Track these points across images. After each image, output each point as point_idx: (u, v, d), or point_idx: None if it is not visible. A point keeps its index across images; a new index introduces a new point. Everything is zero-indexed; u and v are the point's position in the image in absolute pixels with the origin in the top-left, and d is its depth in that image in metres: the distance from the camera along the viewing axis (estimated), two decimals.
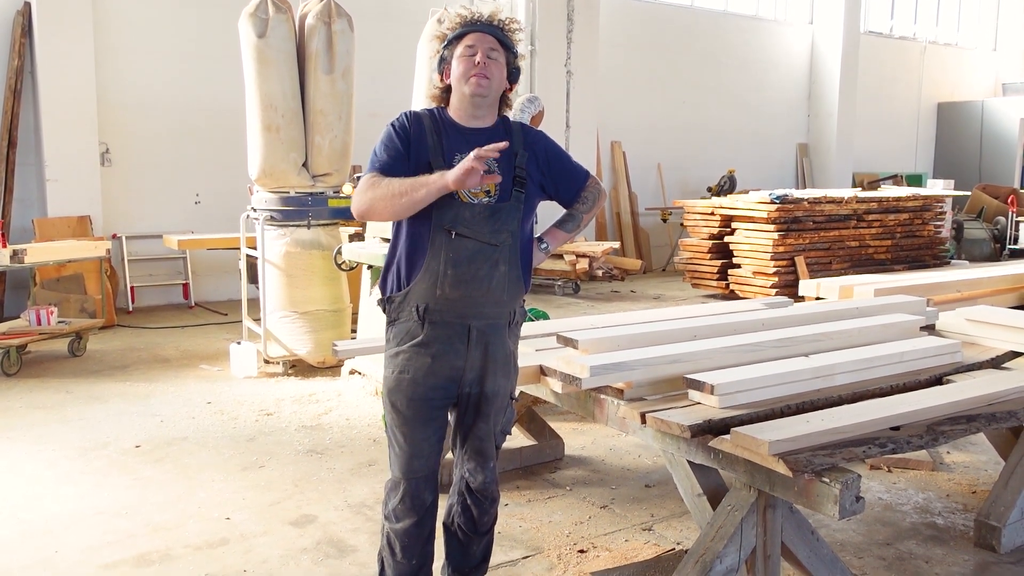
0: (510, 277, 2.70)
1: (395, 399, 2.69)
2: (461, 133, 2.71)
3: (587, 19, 11.99)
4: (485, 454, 2.79)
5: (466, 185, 2.50)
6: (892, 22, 16.63)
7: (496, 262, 2.66)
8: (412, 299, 2.66)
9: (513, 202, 2.69)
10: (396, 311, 2.71)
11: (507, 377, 2.77)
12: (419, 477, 2.71)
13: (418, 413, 2.67)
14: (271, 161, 6.24)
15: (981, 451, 4.63)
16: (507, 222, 2.68)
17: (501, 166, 2.68)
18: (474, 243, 2.63)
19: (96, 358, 6.84)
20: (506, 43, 2.74)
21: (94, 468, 4.42)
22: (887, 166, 16.29)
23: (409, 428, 2.69)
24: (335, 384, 6.07)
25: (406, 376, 2.66)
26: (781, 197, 9.38)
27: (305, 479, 4.27)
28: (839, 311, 4.34)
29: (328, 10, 6.25)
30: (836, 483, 2.46)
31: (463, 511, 2.85)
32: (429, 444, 2.71)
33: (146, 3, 9.11)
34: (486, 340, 2.69)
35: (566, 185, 2.90)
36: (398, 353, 2.69)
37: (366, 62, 7.30)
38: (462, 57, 2.68)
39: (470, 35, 2.70)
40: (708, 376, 3.08)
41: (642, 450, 4.67)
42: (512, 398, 2.84)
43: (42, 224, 8.39)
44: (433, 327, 2.65)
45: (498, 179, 2.57)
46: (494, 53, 2.69)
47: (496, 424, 2.78)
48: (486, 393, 2.72)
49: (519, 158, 2.75)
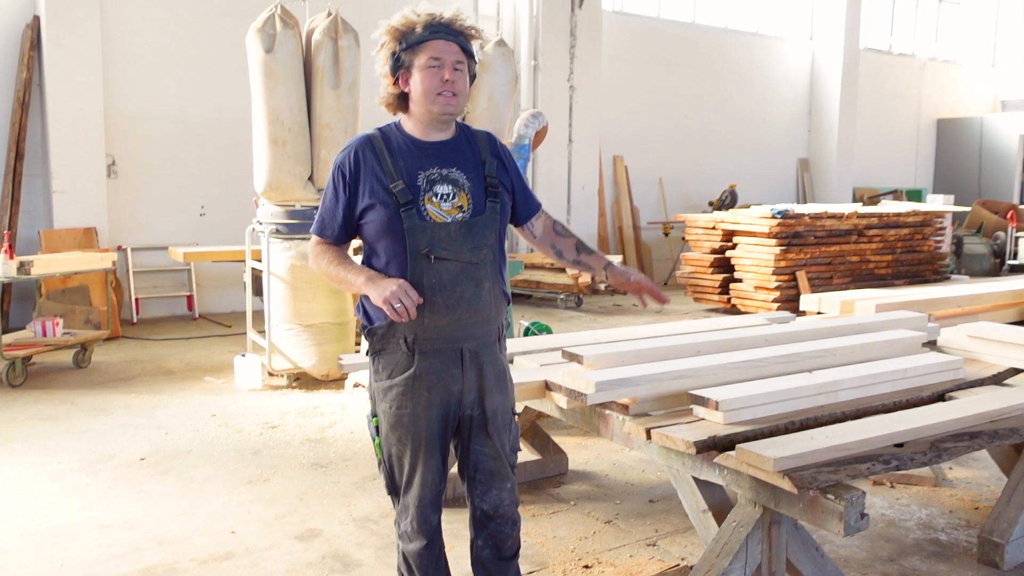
0: (494, 292, 2.61)
1: (398, 435, 2.59)
2: (420, 148, 2.57)
3: (590, 35, 12.07)
4: (500, 475, 2.67)
5: (382, 304, 2.41)
6: (891, 39, 16.72)
7: (479, 280, 2.57)
8: (398, 330, 2.54)
9: (488, 214, 2.58)
10: (381, 342, 2.59)
11: (504, 393, 2.70)
12: (424, 503, 2.63)
13: (423, 446, 2.58)
14: (277, 174, 6.28)
15: (983, 467, 4.65)
16: (485, 236, 2.57)
17: (469, 176, 2.58)
18: (455, 264, 2.52)
19: (101, 370, 6.87)
20: (468, 50, 2.58)
21: (99, 480, 4.44)
22: (887, 181, 16.35)
23: (411, 459, 2.60)
24: (339, 397, 6.09)
25: (405, 411, 2.56)
26: (782, 212, 9.43)
27: (310, 493, 4.29)
28: (841, 327, 4.37)
29: (335, 26, 6.30)
30: (841, 500, 2.49)
31: (485, 542, 2.72)
32: (433, 472, 2.61)
33: (153, 17, 9.18)
34: (479, 360, 2.60)
35: (524, 205, 2.79)
36: (392, 387, 2.58)
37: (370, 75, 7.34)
38: (427, 70, 2.51)
39: (434, 43, 2.51)
40: (713, 392, 3.10)
41: (646, 465, 4.69)
42: (514, 414, 2.76)
43: (48, 235, 8.43)
44: (424, 357, 2.55)
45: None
46: (460, 64, 2.54)
47: (504, 443, 2.68)
48: (487, 413, 2.63)
49: (488, 166, 2.62)
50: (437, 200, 2.53)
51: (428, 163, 2.56)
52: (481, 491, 2.68)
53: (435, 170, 2.56)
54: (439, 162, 2.56)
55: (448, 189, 2.55)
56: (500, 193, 2.63)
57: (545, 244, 2.91)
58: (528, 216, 2.84)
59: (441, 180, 2.55)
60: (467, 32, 2.58)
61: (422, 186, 2.53)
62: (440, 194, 2.54)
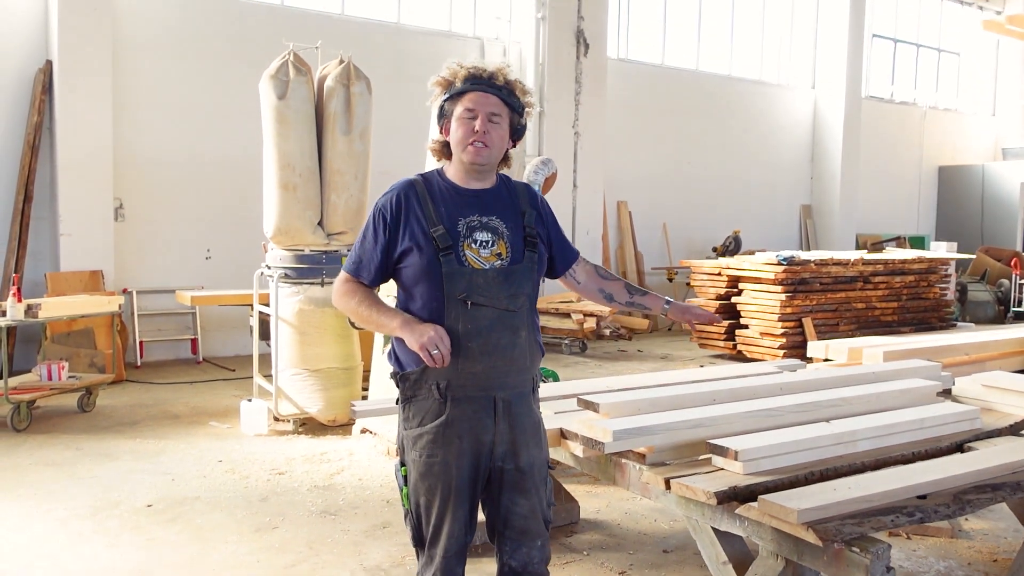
0: (530, 341, 2.62)
1: (428, 483, 2.57)
2: (461, 196, 2.61)
3: (594, 81, 12.21)
4: (532, 532, 2.63)
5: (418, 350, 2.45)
6: (893, 87, 16.90)
7: (516, 328, 2.57)
8: (431, 375, 2.54)
9: (526, 263, 2.61)
10: (412, 388, 2.59)
11: (539, 446, 2.66)
12: (450, 555, 2.58)
13: (450, 495, 2.55)
14: (287, 219, 6.30)
15: (1000, 518, 4.59)
16: (523, 285, 2.59)
17: (508, 225, 2.61)
18: (492, 311, 2.53)
19: (106, 414, 6.83)
20: (510, 103, 2.62)
21: (106, 528, 4.38)
22: (890, 228, 16.41)
23: (439, 509, 2.57)
24: (346, 443, 6.04)
25: (436, 460, 2.54)
26: (788, 259, 9.45)
27: (319, 541, 4.23)
28: (855, 376, 4.35)
29: (347, 73, 6.37)
30: (867, 553, 2.46)
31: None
32: (459, 523, 2.57)
33: (164, 62, 9.29)
34: (512, 411, 2.58)
35: (562, 255, 2.83)
36: (422, 435, 2.57)
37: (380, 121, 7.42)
38: (461, 119, 2.57)
39: (472, 94, 2.57)
40: (732, 442, 3.08)
41: (658, 514, 4.64)
42: (549, 467, 2.73)
43: (54, 278, 8.43)
44: (456, 404, 2.54)
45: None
46: (496, 117, 2.58)
47: (541, 499, 2.64)
48: (522, 467, 2.60)
49: (527, 217, 2.66)
50: (476, 247, 2.55)
51: (469, 210, 2.58)
52: (511, 548, 2.64)
53: (475, 217, 2.58)
54: (479, 210, 2.59)
55: (487, 236, 2.57)
56: (538, 244, 2.66)
57: (591, 290, 2.92)
58: (568, 265, 2.87)
59: (481, 227, 2.58)
60: (509, 86, 2.63)
61: (462, 232, 2.55)
62: (480, 241, 2.56)
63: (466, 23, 11.69)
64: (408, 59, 10.76)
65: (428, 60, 10.62)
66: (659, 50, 13.64)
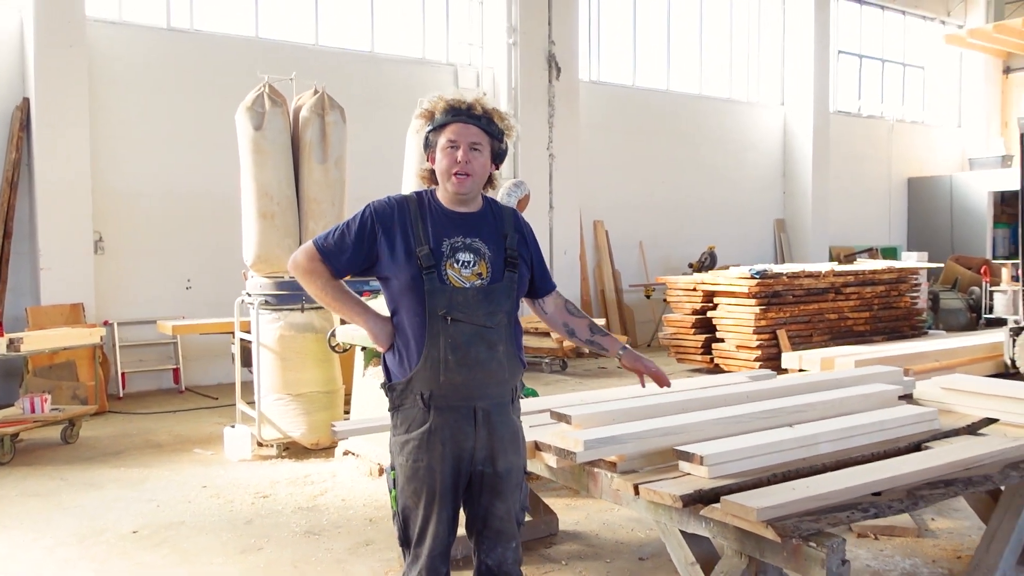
0: (508, 355, 2.77)
1: (414, 487, 2.73)
2: (448, 217, 2.77)
3: (567, 104, 12.42)
4: (507, 534, 2.81)
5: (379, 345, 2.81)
6: (860, 102, 17.24)
7: (494, 344, 2.73)
8: (415, 386, 2.72)
9: (506, 283, 2.77)
10: (399, 398, 2.76)
11: (517, 453, 2.83)
12: (435, 555, 2.74)
13: (434, 498, 2.72)
14: (266, 247, 6.42)
15: (965, 517, 4.74)
16: (501, 303, 2.75)
17: (491, 247, 2.77)
18: (470, 327, 2.69)
19: (89, 445, 6.88)
20: (490, 132, 2.77)
21: (93, 555, 4.45)
22: (862, 240, 16.70)
23: (424, 511, 2.73)
24: (329, 465, 6.13)
25: (421, 464, 2.71)
26: (761, 272, 9.64)
27: (304, 560, 4.32)
28: (820, 382, 4.50)
29: (322, 103, 6.52)
30: (822, 547, 2.59)
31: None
32: (443, 524, 2.74)
33: (140, 96, 9.41)
34: (491, 420, 2.75)
35: (541, 282, 2.98)
36: (408, 441, 2.74)
37: (356, 148, 7.57)
38: (445, 150, 2.73)
39: (453, 126, 2.73)
40: (697, 448, 3.22)
41: (635, 524, 4.76)
42: (526, 474, 2.90)
43: (35, 312, 8.48)
44: (439, 413, 2.71)
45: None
46: (477, 146, 2.73)
47: (515, 503, 2.82)
48: (499, 472, 2.77)
49: (509, 239, 2.82)
50: (458, 266, 2.72)
51: (454, 232, 2.75)
52: (487, 547, 2.82)
53: (459, 239, 2.75)
54: (464, 232, 2.76)
55: (469, 257, 2.74)
56: (519, 265, 2.83)
57: (556, 322, 3.08)
58: (543, 293, 3.02)
59: (464, 248, 2.75)
60: (488, 114, 2.78)
61: (445, 252, 2.72)
62: (462, 261, 2.73)
63: (439, 50, 11.89)
64: (383, 87, 10.94)
65: (403, 87, 10.86)
66: (630, 72, 13.89)
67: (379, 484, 5.59)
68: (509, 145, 2.88)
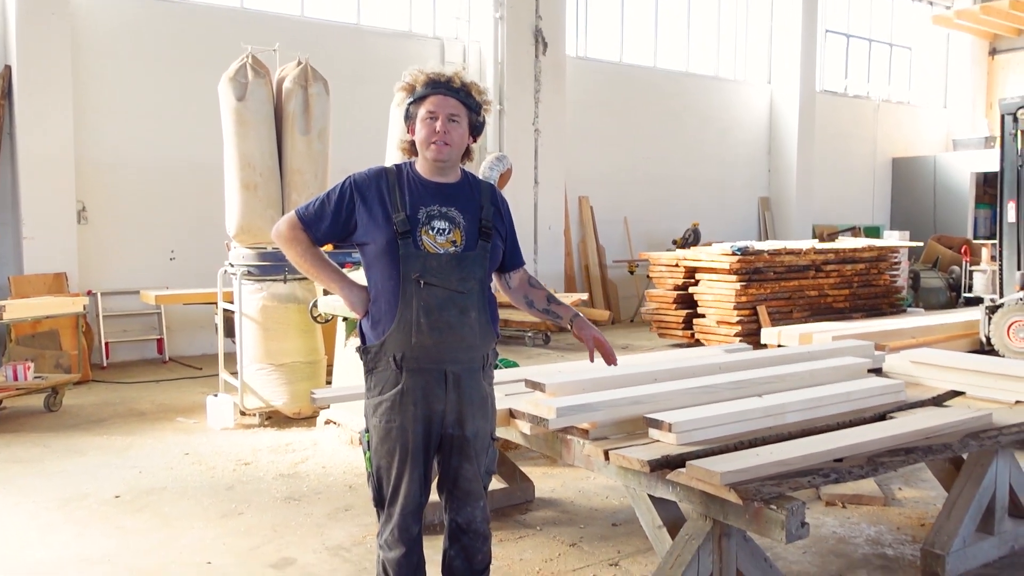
0: (480, 322, 2.86)
1: (387, 447, 2.82)
2: (426, 187, 2.85)
3: (554, 79, 12.42)
4: (474, 494, 2.92)
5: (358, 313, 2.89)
6: (846, 81, 17.29)
7: (466, 309, 2.82)
8: (388, 349, 2.80)
9: (479, 251, 2.86)
10: (373, 360, 2.85)
11: (485, 418, 2.92)
12: (407, 512, 2.83)
13: (407, 457, 2.80)
14: (249, 218, 6.44)
15: (931, 487, 4.86)
16: (473, 270, 2.84)
17: (466, 217, 2.86)
18: (443, 291, 2.78)
19: (72, 413, 6.92)
20: (468, 104, 2.86)
21: (75, 519, 4.51)
22: (846, 219, 16.81)
23: (397, 470, 2.82)
24: (311, 434, 6.20)
25: (394, 425, 2.80)
26: (742, 249, 9.72)
27: (283, 524, 4.40)
28: (792, 355, 4.59)
29: (305, 74, 6.53)
30: (783, 510, 2.68)
31: (457, 553, 2.95)
32: (415, 483, 2.82)
33: (124, 65, 9.36)
34: (462, 384, 2.83)
35: (511, 257, 3.07)
36: (381, 402, 2.83)
37: (340, 121, 7.59)
38: (424, 121, 2.82)
39: (433, 98, 2.83)
40: (667, 415, 3.30)
41: (609, 491, 4.85)
42: (493, 439, 2.98)
43: (18, 281, 8.49)
44: (411, 375, 2.79)
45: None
46: (456, 117, 2.83)
47: (480, 464, 2.91)
48: (467, 435, 2.85)
49: (485, 211, 2.90)
50: (433, 233, 2.81)
51: (431, 200, 2.84)
52: (457, 505, 2.93)
53: (436, 207, 2.84)
54: (441, 201, 2.85)
55: (445, 225, 2.83)
56: (493, 236, 2.91)
57: (518, 295, 3.17)
58: (511, 267, 3.11)
59: (440, 216, 2.84)
60: (466, 87, 2.88)
61: (422, 219, 2.81)
62: (437, 228, 2.82)
63: (425, 23, 11.84)
64: (368, 60, 10.91)
65: (388, 61, 10.83)
66: (617, 48, 13.88)
67: (359, 452, 5.66)
68: (487, 119, 2.98)
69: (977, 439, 3.44)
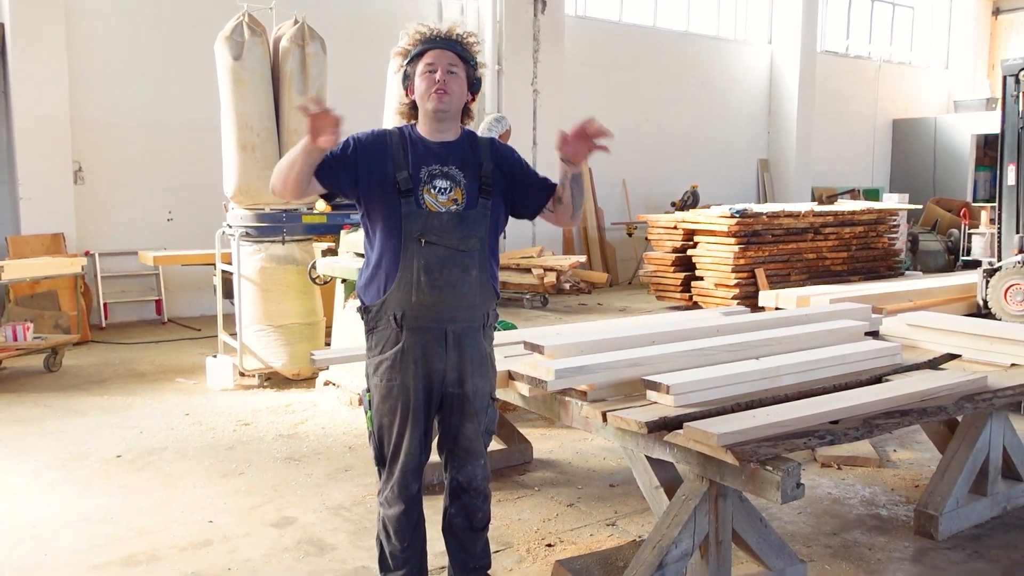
0: (481, 281, 2.87)
1: (388, 405, 2.84)
2: (427, 147, 2.85)
3: (552, 39, 12.29)
4: (475, 452, 2.94)
5: (319, 139, 2.59)
6: (848, 41, 17.14)
7: (467, 267, 2.82)
8: (389, 307, 2.82)
9: (480, 209, 2.85)
10: (374, 319, 2.87)
11: (485, 377, 2.93)
12: (407, 470, 2.87)
13: (408, 415, 2.83)
14: (246, 179, 6.41)
15: (925, 449, 4.90)
16: (475, 228, 2.83)
17: (467, 175, 2.85)
18: (444, 250, 2.79)
19: (72, 373, 6.95)
20: (465, 57, 2.87)
21: (77, 477, 4.55)
22: (845, 181, 16.74)
23: (399, 428, 2.85)
24: (310, 395, 6.24)
25: (395, 383, 2.82)
26: (741, 211, 9.70)
27: (284, 484, 4.44)
28: (789, 318, 4.61)
29: (302, 33, 6.46)
30: (778, 471, 2.70)
31: (458, 511, 2.99)
32: (415, 441, 2.85)
33: (118, 23, 9.26)
34: (462, 343, 2.85)
35: (533, 197, 2.98)
36: (382, 361, 2.85)
37: (338, 81, 7.50)
38: (423, 75, 2.83)
39: (430, 52, 2.83)
40: (664, 378, 3.32)
41: (607, 453, 4.90)
42: (493, 399, 3.00)
43: (15, 242, 8.47)
44: (411, 333, 2.81)
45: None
46: (454, 68, 2.83)
47: (480, 423, 2.93)
48: (467, 393, 2.87)
49: (485, 168, 2.89)
50: (435, 192, 2.82)
51: (432, 160, 2.84)
52: (457, 464, 2.96)
53: (437, 167, 2.84)
54: (442, 160, 2.85)
55: (446, 184, 2.84)
56: (493, 193, 2.89)
57: (559, 211, 2.99)
58: (545, 200, 2.98)
59: (441, 176, 2.84)
60: (463, 40, 2.88)
61: (423, 178, 2.82)
62: (438, 187, 2.82)
63: None
64: (365, 19, 10.78)
65: (386, 20, 10.70)
66: (616, 7, 13.72)
67: (358, 413, 5.71)
68: (481, 78, 2.96)
69: (972, 402, 3.47)
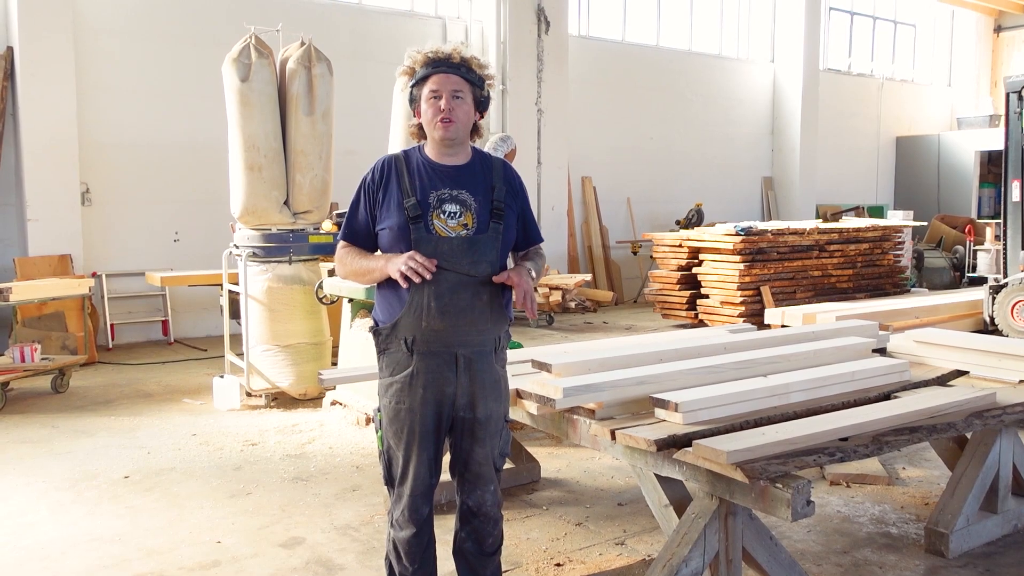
0: (492, 306, 2.84)
1: (396, 428, 2.84)
2: (436, 170, 2.83)
3: (556, 59, 12.37)
4: (485, 478, 2.91)
5: (398, 272, 2.68)
6: (850, 59, 17.21)
7: (478, 292, 2.79)
8: (400, 331, 2.81)
9: (491, 234, 2.82)
10: (385, 342, 2.86)
11: (498, 401, 2.91)
12: (417, 494, 2.85)
13: (414, 439, 2.81)
14: (254, 199, 6.45)
15: (935, 466, 4.89)
16: (486, 253, 2.80)
17: (478, 199, 2.83)
18: (454, 275, 2.76)
19: (79, 394, 6.96)
20: (470, 79, 2.84)
21: (85, 498, 4.55)
22: (849, 198, 16.78)
23: (406, 451, 2.83)
24: (317, 415, 6.24)
25: (403, 407, 2.81)
26: (746, 229, 9.72)
27: (292, 504, 4.44)
28: (796, 335, 4.61)
29: (308, 55, 6.50)
30: (788, 488, 2.70)
31: (468, 535, 2.96)
32: (425, 465, 2.84)
33: (126, 46, 9.34)
34: (473, 367, 2.82)
35: (525, 233, 3.00)
36: (392, 384, 2.84)
37: (343, 101, 7.58)
38: (428, 100, 2.81)
39: (434, 77, 2.81)
40: (673, 395, 3.31)
41: (615, 471, 4.88)
42: (506, 421, 2.98)
43: (23, 263, 8.51)
44: (422, 357, 2.79)
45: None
46: (460, 93, 2.80)
47: (494, 448, 2.91)
48: (479, 418, 2.85)
49: (496, 191, 2.86)
50: (445, 217, 2.80)
51: (441, 184, 2.83)
52: (468, 489, 2.94)
53: (446, 191, 2.83)
54: (452, 184, 2.84)
55: (456, 208, 2.82)
56: (505, 216, 2.87)
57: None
58: (526, 245, 3.05)
59: (451, 200, 2.82)
60: (466, 63, 2.85)
61: (432, 204, 2.80)
62: (448, 212, 2.81)
63: (428, 2, 11.79)
64: (370, 40, 10.87)
65: (390, 40, 10.80)
66: (620, 27, 13.81)
67: (366, 433, 5.71)
68: (491, 93, 2.95)
69: (981, 418, 3.46)
